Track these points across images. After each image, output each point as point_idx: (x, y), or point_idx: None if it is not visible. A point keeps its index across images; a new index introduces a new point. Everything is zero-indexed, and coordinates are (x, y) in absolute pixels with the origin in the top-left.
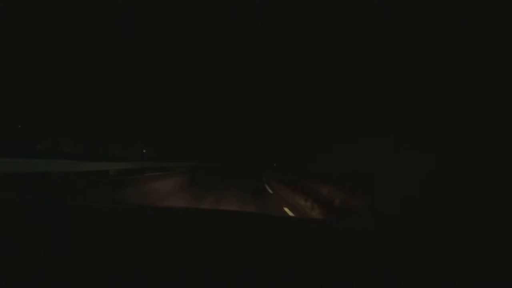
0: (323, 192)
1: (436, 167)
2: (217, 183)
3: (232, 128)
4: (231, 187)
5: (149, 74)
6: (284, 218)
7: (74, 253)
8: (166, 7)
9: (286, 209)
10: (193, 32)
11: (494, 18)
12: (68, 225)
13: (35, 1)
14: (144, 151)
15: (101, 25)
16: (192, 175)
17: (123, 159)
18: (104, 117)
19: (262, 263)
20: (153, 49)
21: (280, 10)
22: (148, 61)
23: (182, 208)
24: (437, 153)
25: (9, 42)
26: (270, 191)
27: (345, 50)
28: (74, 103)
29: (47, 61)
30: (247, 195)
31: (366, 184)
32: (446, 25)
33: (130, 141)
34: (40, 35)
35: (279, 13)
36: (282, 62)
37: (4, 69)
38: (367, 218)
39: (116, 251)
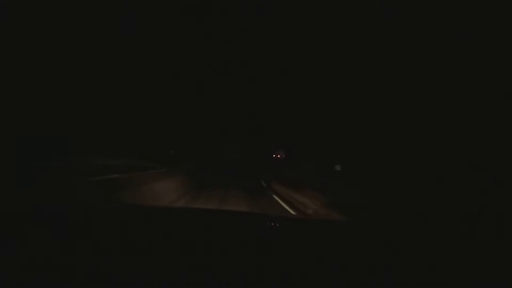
0: None
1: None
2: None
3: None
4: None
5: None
6: (285, 218)
7: (74, 253)
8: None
9: None
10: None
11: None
12: (68, 225)
13: (35, 1)
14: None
15: (100, 25)
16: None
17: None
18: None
19: (262, 263)
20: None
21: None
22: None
23: (183, 208)
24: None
25: (8, 41)
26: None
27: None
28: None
29: (45, 61)
30: None
31: None
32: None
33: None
34: (40, 35)
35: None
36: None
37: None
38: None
39: (116, 251)
